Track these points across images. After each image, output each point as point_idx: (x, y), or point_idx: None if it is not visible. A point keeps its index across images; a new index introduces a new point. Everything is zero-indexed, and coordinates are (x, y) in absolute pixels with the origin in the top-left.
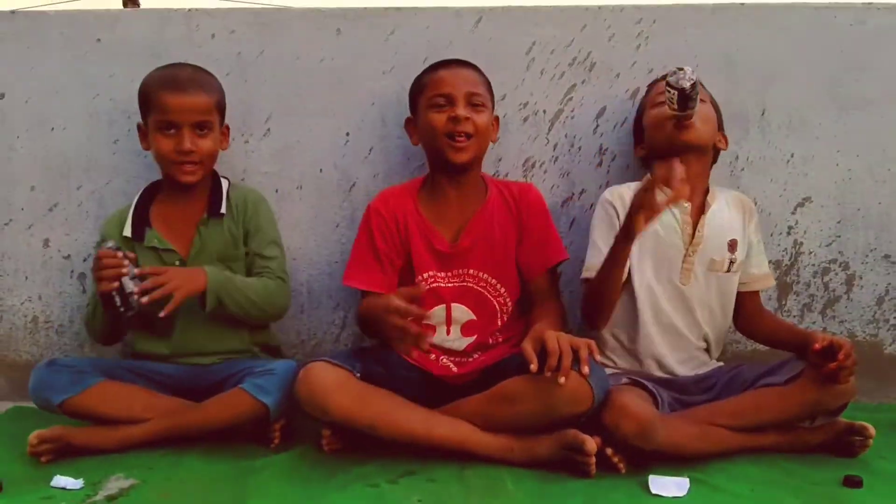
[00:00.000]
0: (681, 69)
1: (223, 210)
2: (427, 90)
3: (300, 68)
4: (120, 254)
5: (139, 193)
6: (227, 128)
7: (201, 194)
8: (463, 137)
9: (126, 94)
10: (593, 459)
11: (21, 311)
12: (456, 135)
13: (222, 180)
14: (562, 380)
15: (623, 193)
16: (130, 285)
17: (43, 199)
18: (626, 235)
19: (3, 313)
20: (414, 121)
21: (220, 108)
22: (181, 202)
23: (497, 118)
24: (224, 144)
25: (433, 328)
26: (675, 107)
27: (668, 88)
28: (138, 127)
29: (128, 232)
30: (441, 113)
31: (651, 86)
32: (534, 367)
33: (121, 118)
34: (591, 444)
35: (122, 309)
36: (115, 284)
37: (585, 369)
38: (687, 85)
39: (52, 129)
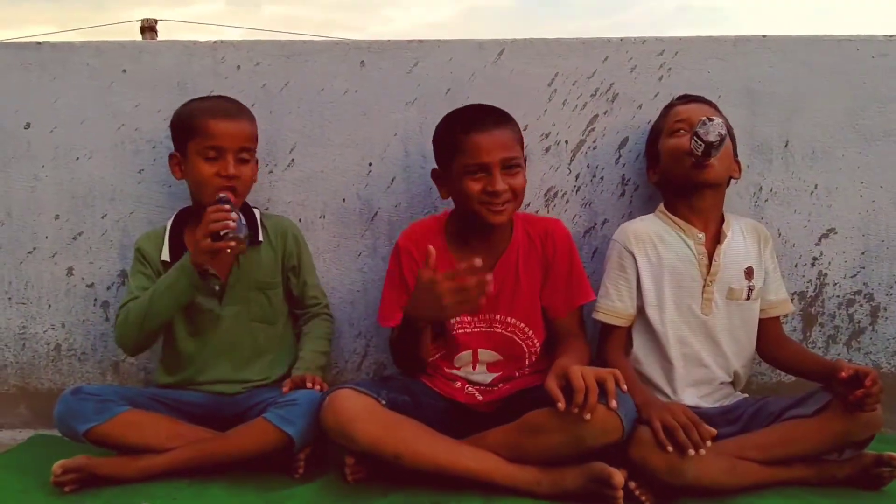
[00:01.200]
0: (710, 120)
1: (261, 238)
2: (461, 154)
3: (324, 100)
4: (227, 207)
5: (171, 218)
6: (257, 161)
7: None
8: (499, 204)
9: (151, 124)
10: (621, 493)
11: (44, 339)
12: (493, 203)
13: (254, 210)
14: (588, 416)
15: (636, 229)
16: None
17: (67, 228)
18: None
19: (26, 341)
20: (442, 175)
21: (256, 140)
22: None
23: (525, 158)
24: (256, 175)
25: (458, 368)
26: (699, 154)
27: (696, 139)
28: (171, 156)
29: (166, 256)
30: (477, 181)
31: (666, 109)
32: (561, 405)
33: (146, 148)
34: (619, 477)
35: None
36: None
37: (613, 403)
38: (714, 139)
39: (77, 158)
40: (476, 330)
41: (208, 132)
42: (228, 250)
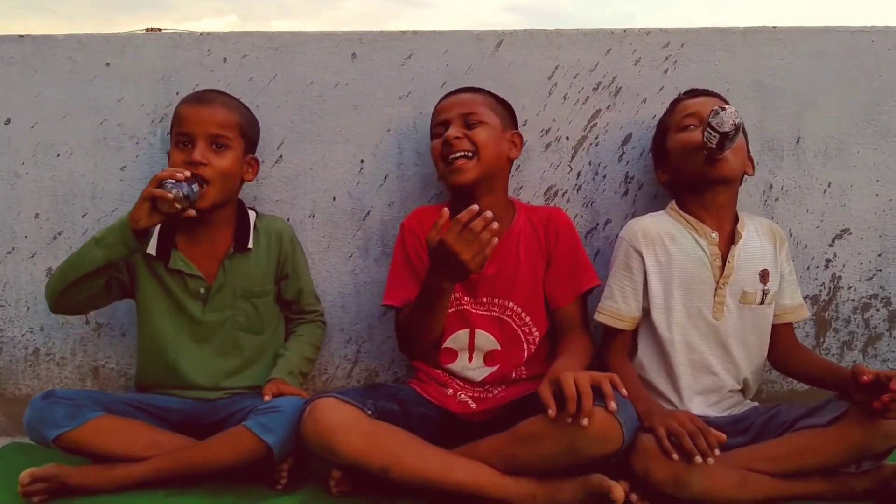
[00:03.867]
0: (722, 109)
1: (250, 245)
2: (432, 122)
3: (314, 93)
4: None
5: None
6: (256, 161)
7: (226, 225)
8: (461, 158)
9: (134, 119)
10: None
11: (22, 343)
12: (451, 155)
13: (249, 212)
14: (584, 421)
15: (646, 226)
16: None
17: (47, 228)
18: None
19: (4, 345)
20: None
21: (244, 131)
22: (205, 231)
23: (518, 135)
24: (249, 175)
25: (455, 354)
26: (713, 147)
27: (710, 130)
28: (168, 154)
29: (152, 250)
30: (439, 138)
31: (673, 104)
32: (551, 412)
33: (128, 144)
34: (619, 490)
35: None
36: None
37: (612, 405)
38: (729, 129)
39: (58, 154)
40: (475, 310)
41: (179, 118)
42: (170, 205)
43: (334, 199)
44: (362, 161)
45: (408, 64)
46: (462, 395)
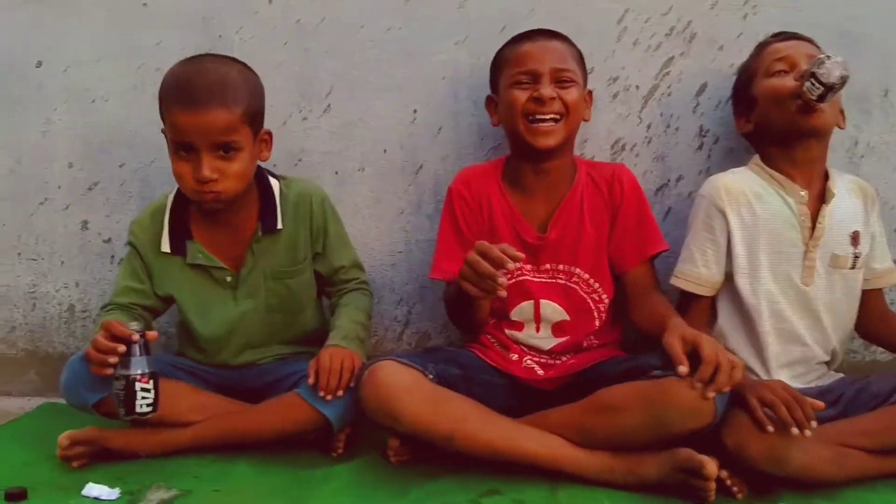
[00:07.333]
0: (828, 58)
1: (279, 225)
2: (509, 66)
3: (364, 38)
4: (122, 348)
5: (173, 196)
6: (269, 134)
7: (249, 206)
8: (549, 120)
9: (173, 63)
10: (713, 484)
11: (56, 299)
12: (539, 115)
13: (272, 183)
14: (711, 394)
15: (728, 183)
16: (140, 387)
17: (82, 178)
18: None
19: (37, 301)
20: (495, 100)
21: (253, 118)
22: (226, 214)
23: (590, 93)
24: (265, 154)
25: (521, 325)
26: (813, 98)
27: (812, 81)
28: (162, 131)
29: (166, 247)
30: (523, 91)
31: (760, 48)
32: (684, 369)
33: None
34: (712, 466)
35: (122, 410)
36: (109, 371)
37: (726, 388)
38: (836, 81)
39: (93, 100)
40: (538, 279)
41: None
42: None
43: (385, 151)
44: (415, 111)
45: (465, 6)
46: (528, 361)
